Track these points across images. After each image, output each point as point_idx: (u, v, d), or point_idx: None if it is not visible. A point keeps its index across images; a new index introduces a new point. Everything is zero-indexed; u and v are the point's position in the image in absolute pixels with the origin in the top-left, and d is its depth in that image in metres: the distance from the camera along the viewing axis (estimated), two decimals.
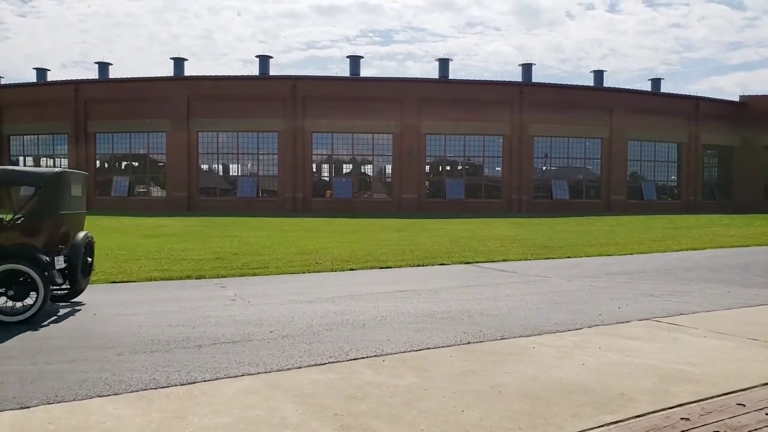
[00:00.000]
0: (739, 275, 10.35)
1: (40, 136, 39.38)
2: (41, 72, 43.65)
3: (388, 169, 37.88)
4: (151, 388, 4.20)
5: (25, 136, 39.79)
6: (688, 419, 3.65)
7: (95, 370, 4.60)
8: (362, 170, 38.79)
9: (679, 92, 43.84)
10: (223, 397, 4.03)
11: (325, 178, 38.45)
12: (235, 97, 35.85)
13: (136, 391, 4.15)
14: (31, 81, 42.68)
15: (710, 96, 44.71)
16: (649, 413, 3.73)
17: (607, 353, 5.15)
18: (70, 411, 3.76)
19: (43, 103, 38.06)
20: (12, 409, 3.78)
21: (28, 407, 3.82)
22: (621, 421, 3.61)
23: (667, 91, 44.12)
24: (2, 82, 43.91)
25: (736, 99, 44.27)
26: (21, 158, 40.84)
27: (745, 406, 3.87)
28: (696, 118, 40.65)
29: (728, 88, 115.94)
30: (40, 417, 3.67)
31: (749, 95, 43.69)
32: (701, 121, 40.68)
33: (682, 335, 5.86)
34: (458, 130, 36.70)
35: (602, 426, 3.54)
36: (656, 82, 44.81)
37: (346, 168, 38.65)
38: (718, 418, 3.67)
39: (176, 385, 4.27)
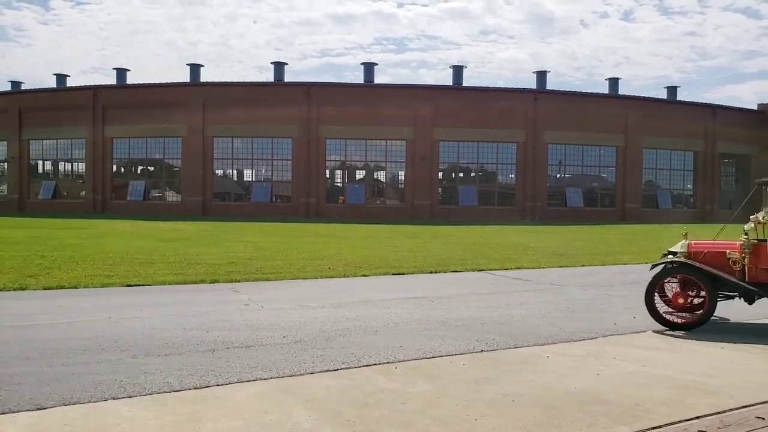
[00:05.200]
0: None
1: (58, 140, 40.05)
2: (61, 78, 44.40)
3: (401, 175, 37.91)
4: (165, 391, 4.22)
5: (44, 141, 40.49)
6: None
7: (110, 373, 4.63)
8: (375, 176, 38.85)
9: (696, 100, 43.17)
10: (236, 401, 4.04)
11: (338, 184, 38.57)
12: (250, 103, 36.15)
13: (150, 394, 4.18)
14: (51, 87, 43.41)
15: (727, 104, 44.14)
16: (665, 425, 3.68)
17: (623, 363, 5.09)
18: (85, 412, 3.80)
19: (62, 108, 38.71)
20: (28, 410, 3.81)
21: (44, 408, 3.86)
22: None
23: (683, 99, 43.63)
24: (23, 88, 44.72)
25: (754, 107, 43.74)
26: (40, 162, 41.54)
27: (764, 419, 3.80)
28: (713, 127, 40.18)
29: (745, 96, 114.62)
30: (55, 418, 3.70)
31: (767, 104, 43.13)
32: (718, 130, 40.20)
33: (699, 346, 5.78)
34: (472, 136, 36.64)
35: None
36: (672, 90, 44.39)
37: (359, 174, 38.73)
38: (736, 431, 3.61)
39: (190, 389, 4.29)
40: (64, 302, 7.82)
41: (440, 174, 37.89)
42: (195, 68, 41.59)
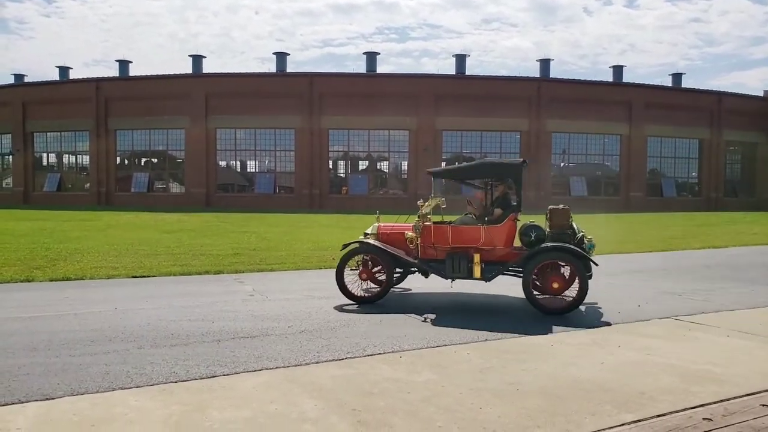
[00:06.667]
0: (763, 274, 10.16)
1: (62, 133, 40.06)
2: (64, 70, 44.30)
3: (404, 165, 37.82)
4: (171, 381, 4.26)
5: (48, 133, 40.50)
6: (710, 419, 3.60)
7: (117, 363, 4.67)
8: (378, 167, 38.77)
9: (701, 88, 42.77)
10: (242, 390, 4.07)
11: (341, 175, 38.51)
12: (253, 94, 36.05)
13: (156, 384, 4.21)
14: (54, 79, 43.35)
15: (733, 91, 43.76)
16: (670, 413, 3.69)
17: (627, 352, 5.10)
18: (93, 402, 3.83)
19: (65, 100, 38.69)
20: (37, 400, 3.85)
21: (53, 398, 3.90)
22: (641, 420, 3.57)
23: (688, 87, 43.21)
24: (26, 81, 44.67)
25: (760, 94, 43.36)
26: (44, 155, 41.61)
27: None
28: (718, 114, 39.87)
29: (751, 83, 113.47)
30: (64, 408, 3.74)
31: None
32: (723, 117, 39.89)
33: (704, 334, 5.78)
34: (475, 126, 36.47)
35: (622, 425, 3.51)
36: (677, 77, 43.95)
37: (362, 164, 38.66)
38: (741, 419, 3.61)
39: (196, 379, 4.32)
40: (70, 294, 7.87)
41: (443, 163, 37.70)
42: (197, 60, 41.43)
